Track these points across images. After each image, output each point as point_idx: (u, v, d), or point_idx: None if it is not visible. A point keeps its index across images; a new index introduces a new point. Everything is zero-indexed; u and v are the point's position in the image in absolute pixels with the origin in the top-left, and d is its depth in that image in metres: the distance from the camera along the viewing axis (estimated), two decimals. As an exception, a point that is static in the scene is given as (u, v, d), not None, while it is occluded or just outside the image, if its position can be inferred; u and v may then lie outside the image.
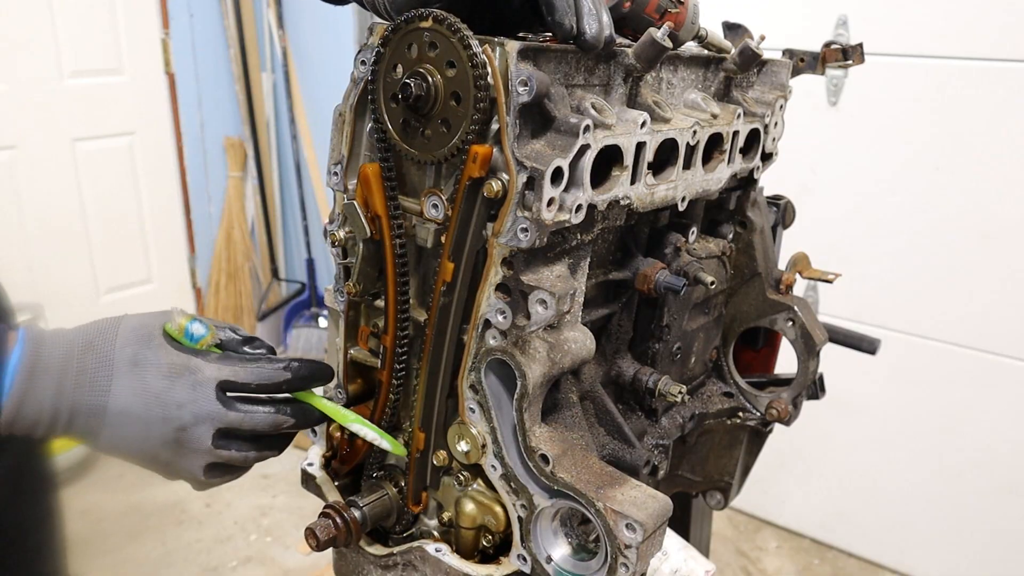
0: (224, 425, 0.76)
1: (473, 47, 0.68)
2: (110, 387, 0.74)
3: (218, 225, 4.05)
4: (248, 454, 0.79)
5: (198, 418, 0.75)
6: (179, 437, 0.75)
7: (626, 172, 0.78)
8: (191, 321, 0.77)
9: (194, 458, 0.77)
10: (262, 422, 0.77)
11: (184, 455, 0.77)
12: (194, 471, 0.78)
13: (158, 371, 0.74)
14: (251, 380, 0.77)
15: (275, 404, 0.79)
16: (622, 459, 0.92)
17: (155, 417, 0.74)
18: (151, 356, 0.75)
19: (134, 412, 0.74)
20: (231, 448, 0.78)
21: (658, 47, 0.76)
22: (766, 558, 2.73)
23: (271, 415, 0.78)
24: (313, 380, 0.81)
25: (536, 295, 0.73)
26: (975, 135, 2.24)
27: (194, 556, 2.63)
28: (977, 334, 2.36)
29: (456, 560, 0.85)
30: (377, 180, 0.79)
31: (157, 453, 0.77)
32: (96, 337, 0.75)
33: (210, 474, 0.79)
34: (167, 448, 0.76)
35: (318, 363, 0.82)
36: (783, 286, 1.12)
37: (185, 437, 0.75)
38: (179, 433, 0.75)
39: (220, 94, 3.92)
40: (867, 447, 2.62)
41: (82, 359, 0.74)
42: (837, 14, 2.36)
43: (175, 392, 0.74)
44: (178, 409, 0.74)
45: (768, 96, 1.02)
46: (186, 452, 0.76)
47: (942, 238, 2.35)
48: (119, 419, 0.74)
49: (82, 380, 0.73)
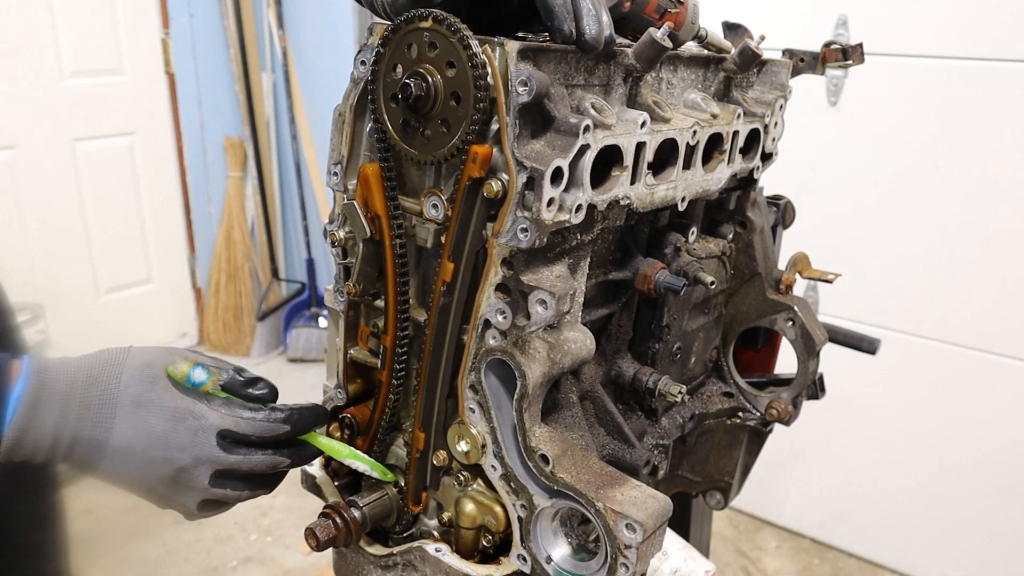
0: (223, 467, 0.78)
1: (473, 47, 0.68)
2: (112, 424, 0.75)
3: (218, 225, 4.05)
4: (241, 492, 0.82)
5: (198, 461, 0.77)
6: (177, 476, 0.78)
7: (626, 172, 0.78)
8: (193, 367, 0.79)
9: (189, 495, 0.79)
10: (259, 464, 0.80)
11: (180, 492, 0.79)
12: (188, 506, 0.81)
13: (162, 414, 0.76)
14: (252, 433, 0.79)
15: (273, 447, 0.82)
16: (622, 459, 0.92)
17: (156, 458, 0.76)
18: (155, 399, 0.76)
19: (136, 450, 0.76)
20: (226, 488, 0.80)
21: (658, 47, 0.76)
22: (766, 558, 2.73)
23: (268, 457, 0.80)
24: (312, 428, 0.84)
25: (536, 295, 0.73)
26: (975, 135, 2.24)
27: (194, 556, 2.63)
28: (977, 334, 2.36)
29: (456, 560, 0.85)
30: (377, 180, 0.79)
31: (153, 488, 0.79)
32: (101, 372, 0.76)
33: (202, 509, 0.82)
34: (164, 484, 0.78)
35: (317, 409, 0.85)
36: (783, 286, 1.12)
37: (183, 477, 0.78)
38: (178, 473, 0.77)
39: (220, 94, 3.92)
40: (867, 447, 2.62)
41: (86, 392, 0.75)
42: (837, 14, 2.36)
43: (177, 436, 0.76)
44: (179, 452, 0.77)
45: (768, 96, 1.02)
46: (182, 490, 0.79)
47: (942, 238, 2.35)
48: (119, 455, 0.76)
49: (85, 414, 0.74)
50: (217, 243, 4.04)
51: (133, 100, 3.62)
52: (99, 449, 0.75)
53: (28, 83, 3.22)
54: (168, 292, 4.03)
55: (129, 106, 3.61)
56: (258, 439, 0.79)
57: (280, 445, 0.82)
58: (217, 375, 0.80)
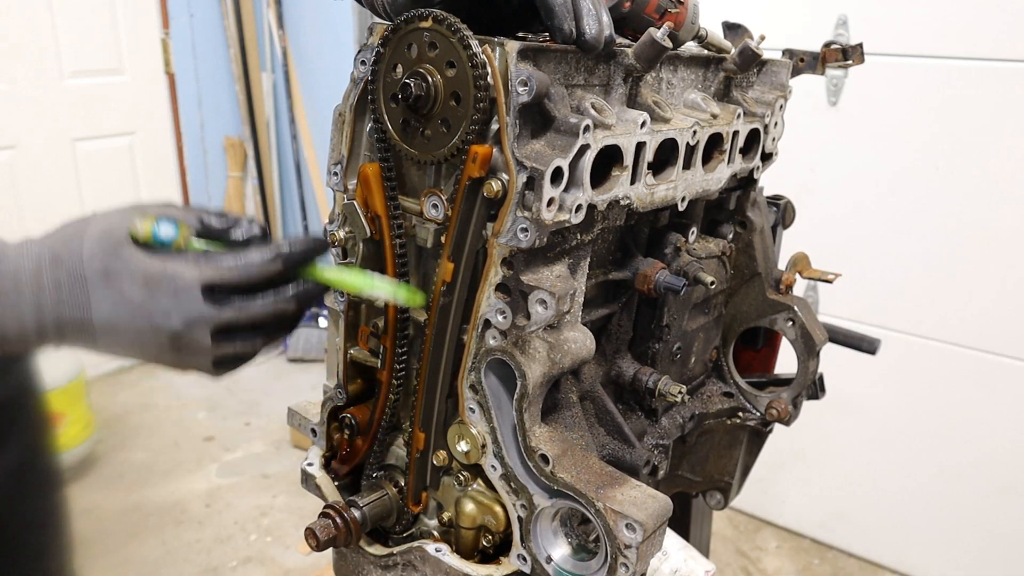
0: (220, 325, 0.70)
1: (473, 47, 0.68)
2: (90, 303, 0.69)
3: (218, 225, 4.05)
4: (255, 343, 0.74)
5: (188, 322, 0.69)
6: (175, 343, 0.70)
7: (626, 172, 0.78)
8: (157, 224, 0.70)
9: (197, 358, 0.72)
10: (259, 313, 0.71)
11: (186, 356, 0.72)
12: (202, 369, 0.74)
13: (133, 283, 0.69)
14: (240, 280, 0.70)
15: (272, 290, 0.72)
16: (622, 459, 0.92)
17: (144, 329, 0.70)
18: (122, 268, 0.69)
19: (121, 325, 0.70)
20: (234, 343, 0.72)
21: (658, 47, 0.76)
22: (766, 558, 2.73)
23: (268, 304, 0.71)
24: (310, 261, 0.74)
25: (536, 295, 0.73)
26: (975, 135, 2.24)
27: (194, 556, 2.63)
28: (977, 334, 2.36)
29: (456, 560, 0.85)
30: (377, 180, 0.79)
31: (158, 357, 0.73)
32: (63, 250, 0.70)
33: (221, 368, 0.74)
34: (165, 353, 0.71)
35: (313, 240, 0.74)
36: (783, 286, 1.12)
37: (181, 342, 0.70)
38: (174, 339, 0.70)
39: (220, 94, 3.92)
40: (867, 447, 2.62)
41: (54, 273, 0.69)
42: (837, 14, 2.36)
43: (157, 302, 0.69)
44: (164, 318, 0.69)
45: (768, 96, 1.02)
46: (187, 354, 0.72)
47: (942, 238, 2.35)
48: (108, 332, 0.70)
49: (60, 296, 0.69)
50: (217, 243, 4.04)
51: (133, 100, 3.62)
52: (87, 329, 0.70)
53: (28, 83, 3.22)
54: (168, 292, 4.03)
55: (129, 106, 3.61)
56: (250, 285, 0.71)
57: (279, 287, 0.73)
58: (187, 227, 0.71)
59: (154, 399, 3.62)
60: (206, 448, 3.25)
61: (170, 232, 0.70)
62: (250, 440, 3.32)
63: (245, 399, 3.65)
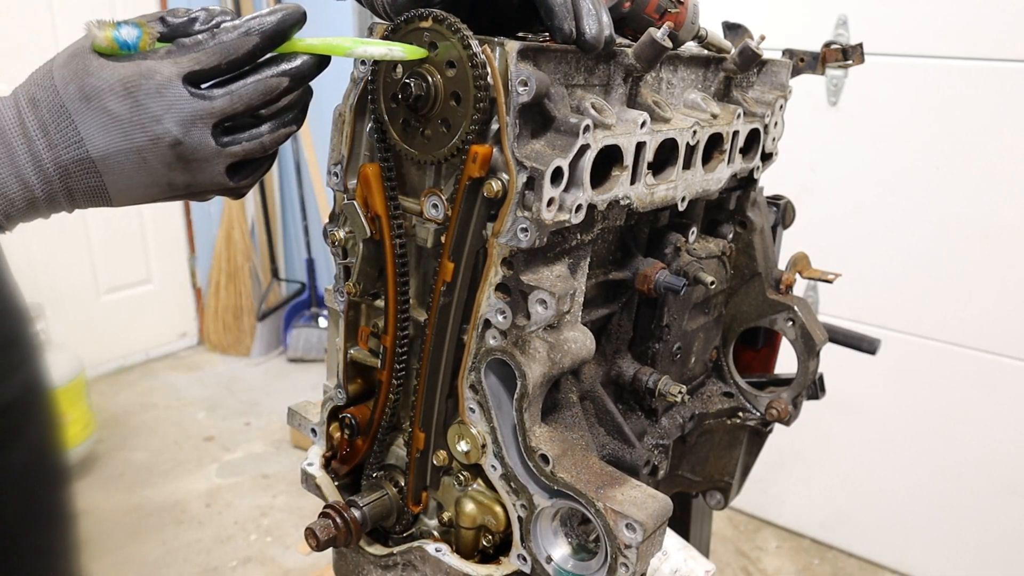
0: (217, 117, 0.67)
1: (473, 47, 0.68)
2: (79, 135, 0.66)
3: (218, 225, 4.05)
4: (262, 139, 0.71)
5: (184, 123, 0.66)
6: (179, 153, 0.67)
7: (626, 172, 0.78)
8: (117, 28, 0.66)
9: (208, 167, 0.69)
10: (253, 93, 0.68)
11: (197, 169, 0.69)
12: (217, 180, 0.70)
13: (113, 94, 0.65)
14: (217, 61, 0.67)
15: (258, 70, 0.69)
16: (622, 459, 0.92)
17: (142, 143, 0.66)
18: (97, 83, 0.66)
19: (118, 148, 0.66)
20: (240, 140, 0.69)
21: (658, 47, 0.76)
22: (766, 558, 2.73)
23: (260, 81, 0.68)
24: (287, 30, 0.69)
25: (536, 295, 0.73)
26: (975, 135, 2.24)
27: (194, 556, 2.63)
28: (977, 334, 2.36)
29: (456, 560, 0.85)
30: (377, 180, 0.79)
31: (171, 179, 0.69)
32: (37, 91, 0.67)
33: (236, 176, 0.72)
34: (175, 170, 0.68)
35: (284, 8, 0.70)
36: (783, 286, 1.12)
37: (185, 151, 0.67)
38: (176, 149, 0.67)
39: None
40: (867, 447, 2.62)
41: (36, 117, 0.67)
42: (837, 14, 2.36)
43: (144, 107, 0.65)
44: (159, 124, 0.66)
45: (768, 96, 1.02)
46: (197, 165, 0.69)
47: (942, 238, 2.35)
48: (110, 162, 0.67)
49: (51, 139, 0.66)
50: (217, 243, 4.04)
51: (133, 100, 3.62)
52: (89, 168, 0.67)
53: (28, 83, 3.22)
54: (168, 292, 4.03)
55: (129, 106, 3.61)
56: (230, 64, 0.67)
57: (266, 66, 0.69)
58: (149, 26, 0.67)
59: (154, 399, 3.62)
60: (206, 448, 3.25)
61: (132, 34, 0.66)
62: (250, 440, 3.32)
63: (245, 399, 3.65)
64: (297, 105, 0.74)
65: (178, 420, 3.45)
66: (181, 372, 3.91)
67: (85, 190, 0.69)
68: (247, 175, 0.73)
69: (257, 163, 0.74)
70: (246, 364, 4.01)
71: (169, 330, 4.08)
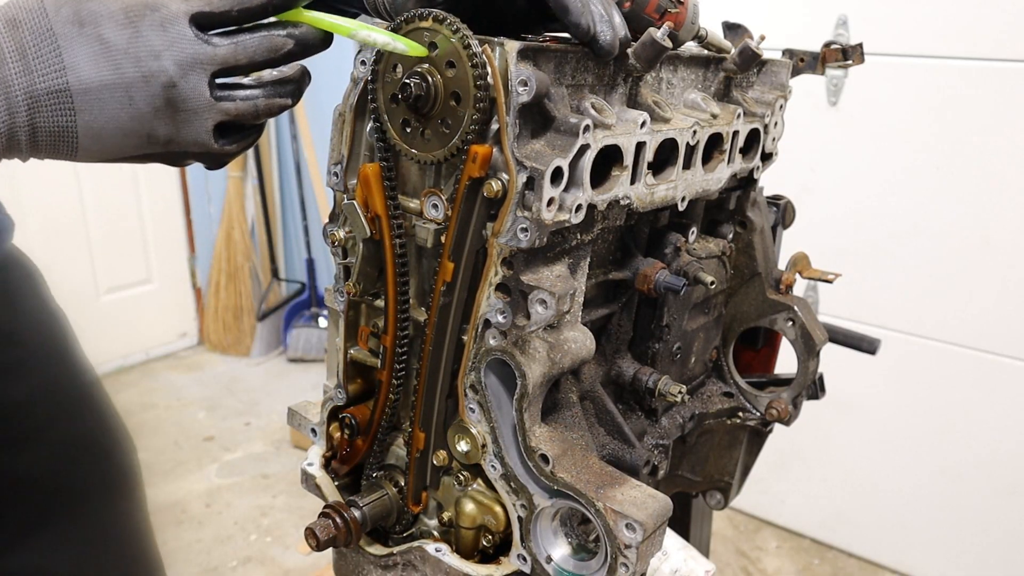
0: (217, 66, 0.64)
1: (473, 47, 0.68)
2: (63, 62, 0.60)
3: (218, 225, 4.05)
4: (257, 102, 0.68)
5: (183, 64, 0.62)
6: (170, 97, 0.63)
7: (626, 172, 0.78)
8: None
9: (196, 121, 0.65)
10: (258, 47, 0.65)
11: (184, 121, 0.65)
12: (201, 137, 0.66)
13: (114, 21, 0.61)
14: (229, 6, 0.64)
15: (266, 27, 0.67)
16: (622, 459, 0.92)
17: (133, 79, 0.61)
18: (97, 7, 0.61)
19: (105, 81, 0.61)
20: (235, 98, 0.66)
21: (658, 47, 0.76)
22: (766, 558, 2.73)
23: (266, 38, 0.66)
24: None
25: (536, 295, 0.73)
26: (975, 135, 2.24)
27: (194, 556, 2.63)
28: (977, 334, 2.36)
29: (456, 560, 0.85)
30: (377, 180, 0.79)
31: (152, 128, 0.64)
32: (19, 13, 0.61)
33: (222, 139, 0.68)
34: (161, 118, 0.64)
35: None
36: (783, 286, 1.12)
37: (177, 95, 0.63)
38: (169, 91, 0.63)
39: (220, 94, 3.92)
40: (867, 447, 2.62)
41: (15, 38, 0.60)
42: (837, 14, 2.36)
43: (144, 38, 0.61)
44: (156, 60, 0.61)
45: (768, 96, 1.02)
46: (185, 116, 0.64)
47: (942, 238, 2.35)
48: (90, 97, 0.61)
49: (28, 64, 0.60)
50: (217, 243, 4.04)
51: (133, 100, 3.62)
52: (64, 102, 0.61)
53: (28, 83, 3.22)
54: (168, 292, 4.03)
55: (129, 106, 3.61)
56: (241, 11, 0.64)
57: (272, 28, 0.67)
58: None
59: (154, 399, 3.62)
60: (206, 448, 3.25)
61: None
62: (250, 440, 3.32)
63: (245, 399, 3.65)
64: (295, 80, 0.72)
65: (178, 420, 3.45)
66: (181, 372, 3.91)
67: (52, 130, 0.63)
68: (232, 141, 0.70)
69: (245, 131, 0.71)
70: (246, 364, 4.01)
71: (169, 330, 4.08)
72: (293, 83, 0.72)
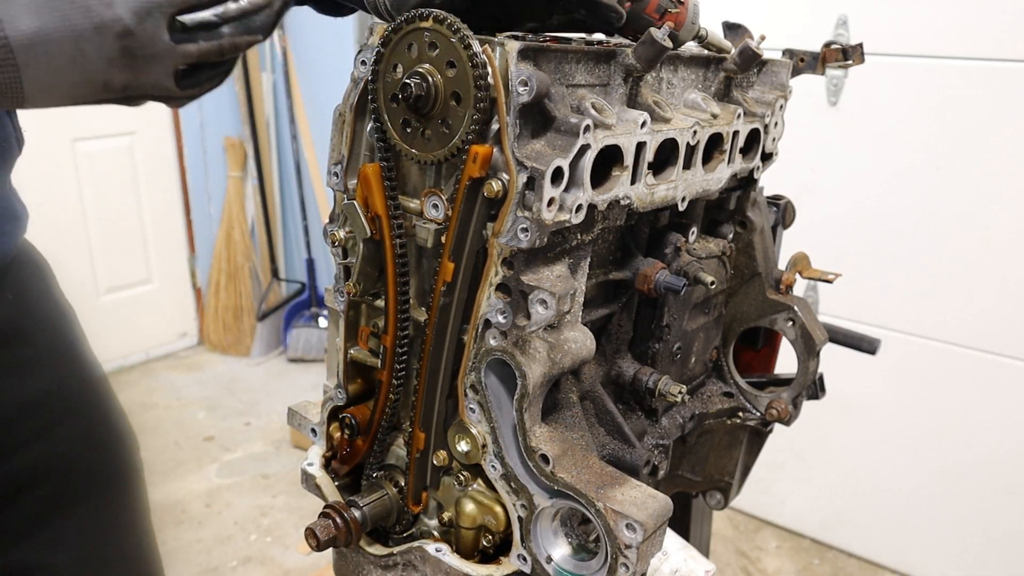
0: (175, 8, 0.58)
1: (473, 47, 0.68)
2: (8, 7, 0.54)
3: (218, 225, 4.05)
4: (221, 41, 0.61)
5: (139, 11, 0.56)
6: (126, 46, 0.57)
7: (626, 172, 0.78)
8: None
9: (156, 67, 0.59)
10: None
11: (142, 68, 0.58)
12: (162, 83, 0.60)
13: None
14: None
15: None
16: (622, 459, 0.92)
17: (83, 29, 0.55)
18: None
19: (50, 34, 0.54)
20: (197, 39, 0.60)
21: (658, 47, 0.76)
22: (766, 558, 2.73)
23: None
24: None
25: (536, 295, 0.73)
26: (975, 135, 2.24)
27: (194, 556, 2.63)
28: (977, 334, 2.36)
29: (456, 560, 0.85)
30: (377, 180, 0.79)
31: (108, 78, 0.58)
32: None
33: (185, 82, 0.62)
34: (117, 67, 0.57)
35: None
36: (783, 286, 1.12)
37: (133, 44, 0.57)
38: (123, 41, 0.56)
39: (220, 94, 3.92)
40: (867, 447, 2.62)
41: None
42: (837, 14, 2.36)
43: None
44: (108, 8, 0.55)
45: (768, 96, 1.02)
46: (143, 64, 0.58)
47: (942, 238, 2.35)
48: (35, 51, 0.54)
49: None
50: (217, 243, 4.04)
51: (133, 100, 3.62)
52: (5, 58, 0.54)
53: (28, 83, 3.22)
54: (168, 292, 4.03)
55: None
56: None
57: None
58: None
59: (154, 399, 3.62)
60: (206, 448, 3.25)
61: None
62: (250, 440, 3.32)
63: (245, 399, 3.65)
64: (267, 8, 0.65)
65: (178, 420, 3.45)
66: (181, 372, 3.91)
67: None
68: (195, 84, 0.65)
69: (209, 72, 0.65)
70: (246, 364, 4.01)
71: (169, 330, 4.08)
72: (262, 14, 0.65)
